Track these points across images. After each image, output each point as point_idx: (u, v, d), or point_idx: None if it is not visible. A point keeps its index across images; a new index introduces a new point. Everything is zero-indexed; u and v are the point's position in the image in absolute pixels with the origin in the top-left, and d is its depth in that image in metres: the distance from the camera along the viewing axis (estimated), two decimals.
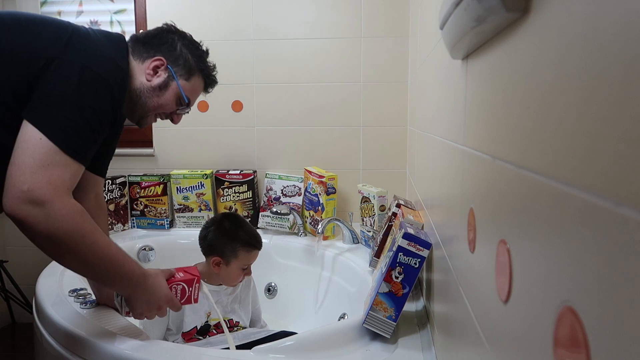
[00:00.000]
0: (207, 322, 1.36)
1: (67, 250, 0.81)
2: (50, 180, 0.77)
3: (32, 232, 0.77)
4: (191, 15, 1.96)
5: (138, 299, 0.96)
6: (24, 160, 0.77)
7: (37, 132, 0.79)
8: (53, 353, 1.06)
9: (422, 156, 1.29)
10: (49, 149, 0.79)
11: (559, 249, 0.31)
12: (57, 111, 0.82)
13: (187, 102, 1.07)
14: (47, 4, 2.08)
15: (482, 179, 0.54)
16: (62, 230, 0.78)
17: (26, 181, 0.76)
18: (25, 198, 0.75)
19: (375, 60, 1.93)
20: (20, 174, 0.77)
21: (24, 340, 2.04)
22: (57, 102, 0.82)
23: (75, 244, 0.80)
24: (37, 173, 0.77)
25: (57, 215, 0.77)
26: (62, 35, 0.89)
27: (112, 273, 0.88)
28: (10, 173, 0.77)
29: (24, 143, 0.79)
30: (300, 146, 1.99)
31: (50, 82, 0.83)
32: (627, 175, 0.23)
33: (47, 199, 0.76)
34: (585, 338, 0.27)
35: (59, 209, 0.78)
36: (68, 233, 0.79)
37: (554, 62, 0.33)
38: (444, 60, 0.84)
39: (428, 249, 0.96)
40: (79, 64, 0.86)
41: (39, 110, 0.81)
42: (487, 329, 0.51)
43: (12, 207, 0.76)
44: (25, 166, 0.77)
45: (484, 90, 0.54)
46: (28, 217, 0.76)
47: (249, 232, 1.37)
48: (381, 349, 0.97)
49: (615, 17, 0.24)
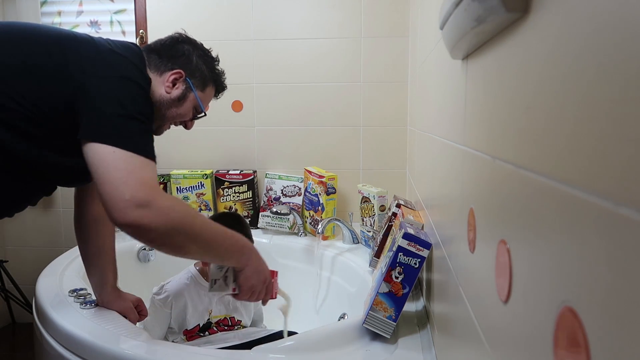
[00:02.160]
0: (209, 320, 1.36)
1: (185, 238, 0.84)
2: (142, 182, 0.81)
3: (149, 233, 0.80)
4: (191, 15, 1.96)
5: (253, 269, 0.98)
6: (111, 176, 0.80)
7: (108, 146, 0.82)
8: (53, 353, 1.06)
9: (422, 156, 1.29)
10: (126, 156, 0.82)
11: (559, 249, 0.31)
12: (115, 124, 0.85)
13: (203, 111, 1.11)
14: (47, 4, 2.08)
15: (482, 179, 0.54)
16: (175, 220, 0.81)
17: (124, 191, 0.79)
18: (131, 205, 0.78)
19: (375, 60, 1.93)
20: (114, 188, 0.79)
21: (24, 340, 2.04)
22: (111, 116, 0.85)
23: (190, 229, 0.84)
24: (128, 180, 0.80)
25: (165, 209, 0.80)
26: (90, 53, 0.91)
27: (227, 245, 0.93)
28: (105, 192, 0.80)
29: (102, 161, 0.82)
30: (300, 146, 1.99)
31: (96, 101, 0.86)
32: (627, 175, 0.23)
33: (149, 198, 0.79)
34: (585, 338, 0.27)
35: (163, 202, 0.81)
36: (181, 220, 0.83)
37: (554, 62, 0.33)
38: (444, 60, 0.84)
39: (428, 249, 0.96)
40: (117, 77, 0.89)
41: (97, 128, 0.84)
42: (487, 329, 0.51)
43: (124, 217, 0.78)
44: (115, 180, 0.80)
45: (484, 90, 0.54)
46: (143, 220, 0.78)
47: (248, 229, 1.36)
48: (381, 349, 0.97)
49: (615, 16, 0.24)
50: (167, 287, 1.33)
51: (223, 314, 1.37)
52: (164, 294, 1.31)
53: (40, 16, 2.01)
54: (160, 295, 1.31)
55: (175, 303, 1.31)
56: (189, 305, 1.32)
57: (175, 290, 1.32)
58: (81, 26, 2.08)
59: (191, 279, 1.35)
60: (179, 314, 1.32)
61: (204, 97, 1.11)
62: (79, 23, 2.08)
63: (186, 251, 0.87)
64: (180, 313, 1.32)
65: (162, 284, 1.35)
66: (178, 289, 1.32)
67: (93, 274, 1.17)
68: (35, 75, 0.87)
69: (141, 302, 1.22)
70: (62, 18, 2.09)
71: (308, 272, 1.68)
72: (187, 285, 1.33)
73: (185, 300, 1.32)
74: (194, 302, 1.33)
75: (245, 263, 0.97)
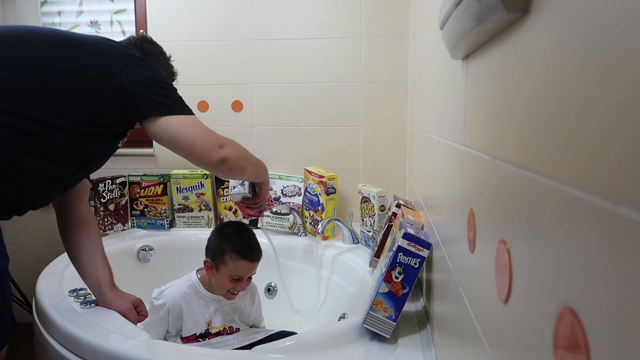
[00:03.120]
0: (208, 330, 1.33)
1: (246, 162, 1.13)
2: (211, 131, 1.06)
3: (231, 162, 1.06)
4: (191, 15, 1.96)
5: (267, 185, 1.31)
6: (194, 134, 1.03)
7: (179, 117, 1.03)
8: (53, 353, 1.06)
9: (422, 156, 1.29)
10: (193, 119, 1.05)
11: (559, 249, 0.31)
12: (171, 98, 1.06)
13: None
14: (47, 4, 2.08)
15: (482, 179, 0.54)
16: (239, 150, 1.11)
17: (210, 140, 1.04)
18: (217, 147, 1.04)
19: (375, 60, 1.93)
20: (204, 140, 1.03)
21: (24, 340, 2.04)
22: (164, 93, 1.05)
23: (247, 155, 1.15)
24: (207, 133, 1.05)
25: (233, 145, 1.09)
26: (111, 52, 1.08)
27: (260, 164, 1.23)
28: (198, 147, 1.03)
29: (181, 128, 1.03)
30: (300, 146, 1.99)
31: (147, 85, 1.04)
32: (627, 175, 0.23)
33: (222, 140, 1.06)
34: (585, 338, 0.27)
35: (229, 141, 1.09)
36: (243, 151, 1.13)
37: (554, 62, 0.33)
38: (444, 60, 0.84)
39: (428, 249, 0.96)
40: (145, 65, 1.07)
41: (162, 106, 1.03)
42: (487, 329, 0.51)
43: (217, 156, 1.03)
44: (201, 135, 1.04)
45: (484, 90, 0.54)
46: (226, 154, 1.05)
47: (245, 241, 1.28)
48: (381, 349, 0.97)
49: (615, 16, 0.24)
50: (166, 292, 1.32)
51: (222, 324, 1.35)
52: (162, 299, 1.30)
53: (40, 16, 2.01)
54: (159, 300, 1.30)
55: (172, 311, 1.30)
56: (186, 314, 1.31)
57: (173, 298, 1.30)
58: (81, 26, 2.08)
59: (191, 287, 1.32)
60: (175, 321, 1.31)
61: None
62: (79, 23, 2.08)
63: (246, 172, 1.13)
64: (176, 320, 1.31)
65: (162, 289, 1.33)
66: (176, 297, 1.31)
67: (89, 276, 1.17)
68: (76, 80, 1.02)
69: (141, 303, 1.22)
70: (62, 18, 2.09)
71: (308, 272, 1.68)
72: (186, 294, 1.31)
73: (182, 309, 1.30)
74: (193, 311, 1.31)
75: (264, 180, 1.29)
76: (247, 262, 1.27)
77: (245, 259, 1.26)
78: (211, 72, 1.95)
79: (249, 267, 1.28)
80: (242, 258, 1.26)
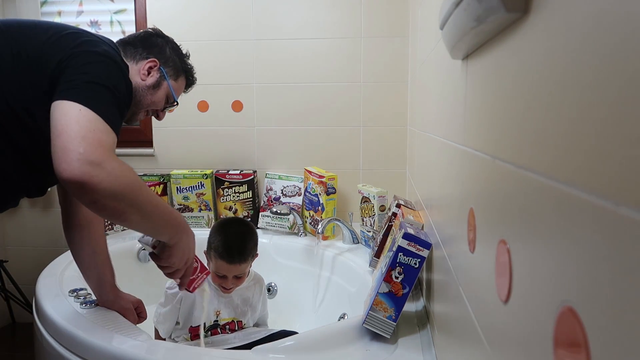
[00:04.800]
0: (216, 321, 1.35)
1: (129, 203, 0.83)
2: (100, 143, 0.80)
3: (93, 193, 0.78)
4: (191, 15, 1.96)
5: (179, 248, 0.99)
6: (71, 129, 0.79)
7: (76, 104, 0.82)
8: (53, 353, 1.06)
9: (422, 156, 1.29)
10: (91, 116, 0.81)
11: (559, 249, 0.31)
12: (87, 89, 0.85)
13: (176, 100, 1.18)
14: (47, 3, 2.08)
15: (482, 179, 0.54)
16: (123, 184, 0.80)
17: (80, 144, 0.77)
18: (84, 160, 0.76)
19: (375, 60, 1.93)
20: (71, 140, 0.78)
21: (24, 340, 2.04)
22: (85, 82, 0.86)
23: (136, 196, 0.84)
24: (87, 137, 0.79)
25: (116, 172, 0.79)
26: (74, 37, 0.94)
27: (166, 219, 0.94)
28: (60, 142, 0.78)
29: (65, 116, 0.80)
30: (300, 146, 1.99)
31: (74, 70, 0.87)
32: (628, 176, 0.23)
33: (103, 158, 0.78)
34: (585, 338, 0.27)
35: (115, 166, 0.80)
36: (129, 186, 0.82)
37: (554, 62, 0.33)
38: (444, 60, 0.84)
39: (428, 249, 0.96)
40: (96, 52, 0.91)
41: (70, 90, 0.84)
42: (487, 329, 0.51)
43: (73, 171, 0.76)
44: (75, 132, 0.78)
45: (484, 90, 0.54)
46: (92, 178, 0.76)
47: (228, 241, 1.28)
48: (381, 349, 0.97)
49: (615, 16, 0.24)
50: None
51: (232, 316, 1.37)
52: (176, 288, 1.31)
53: (40, 16, 2.01)
54: (172, 289, 1.32)
55: (184, 299, 1.32)
56: (198, 303, 1.32)
57: None
58: (81, 26, 2.07)
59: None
60: (185, 311, 1.33)
61: (176, 86, 1.17)
62: (79, 23, 2.08)
63: (125, 218, 0.86)
64: (187, 309, 1.33)
65: None
66: None
67: (90, 276, 1.17)
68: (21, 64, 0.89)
69: (141, 304, 1.22)
70: (62, 18, 2.09)
71: (308, 272, 1.68)
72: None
73: (194, 298, 1.32)
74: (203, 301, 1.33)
75: (177, 239, 0.98)
76: (225, 262, 1.27)
77: (223, 259, 1.27)
78: (211, 72, 1.95)
79: (227, 267, 1.28)
80: (219, 258, 1.28)
